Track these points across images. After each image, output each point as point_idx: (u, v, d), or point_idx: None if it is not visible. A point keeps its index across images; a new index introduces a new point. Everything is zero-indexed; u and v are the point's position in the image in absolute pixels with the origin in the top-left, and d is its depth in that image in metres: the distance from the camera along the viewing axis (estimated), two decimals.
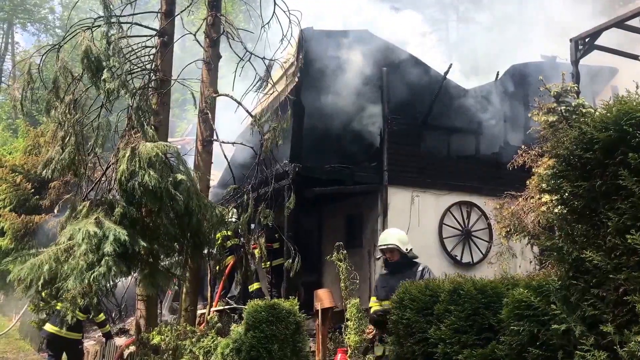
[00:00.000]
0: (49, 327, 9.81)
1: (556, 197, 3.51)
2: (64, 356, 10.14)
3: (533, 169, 8.50)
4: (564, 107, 8.14)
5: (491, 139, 12.64)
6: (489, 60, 14.12)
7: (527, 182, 8.70)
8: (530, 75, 11.67)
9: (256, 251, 10.09)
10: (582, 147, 3.23)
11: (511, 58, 13.30)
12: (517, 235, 8.76)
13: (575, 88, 8.78)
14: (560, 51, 12.32)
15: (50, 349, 10.02)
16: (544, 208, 7.59)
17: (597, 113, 3.27)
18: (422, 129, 12.25)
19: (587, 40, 10.58)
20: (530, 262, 10.19)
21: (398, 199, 11.64)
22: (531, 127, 9.44)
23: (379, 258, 6.60)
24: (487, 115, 12.45)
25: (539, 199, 7.97)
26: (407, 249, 6.11)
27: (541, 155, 8.24)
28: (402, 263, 6.13)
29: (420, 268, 6.06)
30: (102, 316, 10.45)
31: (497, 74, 12.29)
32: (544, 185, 3.51)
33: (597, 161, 3.16)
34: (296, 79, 10.70)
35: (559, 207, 3.52)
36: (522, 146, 9.25)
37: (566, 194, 3.37)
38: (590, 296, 3.09)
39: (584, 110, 7.80)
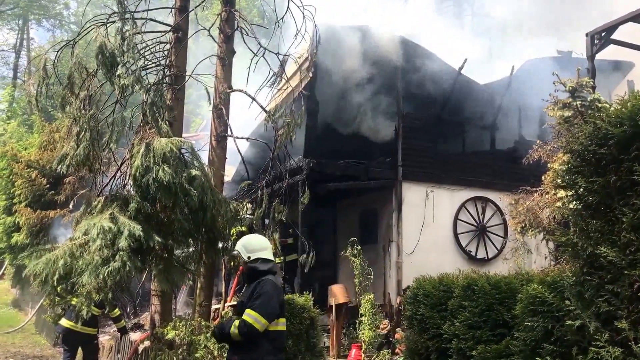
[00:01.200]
0: (64, 322, 9.92)
1: (571, 192, 3.48)
2: (80, 351, 10.26)
3: (548, 164, 8.42)
4: (580, 102, 8.05)
5: (506, 134, 12.54)
6: (504, 54, 13.98)
7: (543, 177, 8.63)
8: (545, 70, 11.53)
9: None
10: (597, 143, 3.20)
11: (527, 52, 13.17)
12: (532, 230, 8.70)
13: (591, 83, 8.67)
14: (576, 46, 12.18)
15: (65, 344, 10.12)
16: (559, 203, 7.52)
17: (612, 108, 3.23)
18: (437, 124, 12.18)
19: (603, 34, 10.42)
20: (546, 257, 10.10)
21: (412, 194, 11.59)
22: (546, 122, 9.35)
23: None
24: (501, 110, 12.34)
25: (555, 194, 7.90)
26: (249, 257, 4.87)
27: (556, 150, 8.16)
28: (248, 274, 4.93)
29: (259, 280, 4.76)
30: (117, 311, 10.55)
31: (512, 69, 12.17)
32: (559, 180, 3.48)
33: (612, 157, 3.13)
34: (310, 75, 10.68)
35: (574, 202, 3.49)
36: (538, 141, 9.17)
37: (581, 190, 3.35)
38: (605, 292, 3.07)
39: (599, 105, 7.71)
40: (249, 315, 4.48)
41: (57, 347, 13.80)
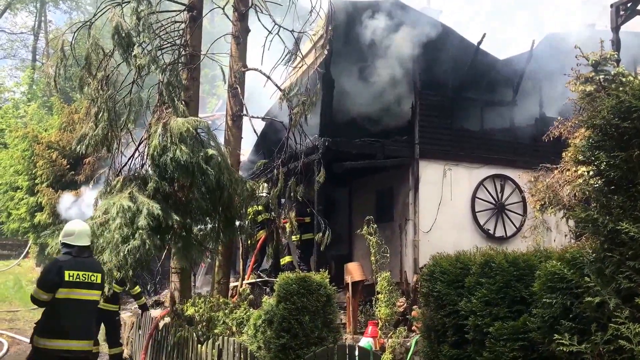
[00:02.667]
0: None
1: (592, 168, 3.43)
2: (102, 327, 10.47)
3: (569, 141, 8.28)
4: (603, 76, 7.86)
5: (526, 110, 12.33)
6: (524, 28, 13.69)
7: (563, 154, 8.49)
8: (567, 44, 11.29)
9: (287, 225, 10.17)
10: (620, 116, 3.12)
11: (548, 26, 12.90)
12: (551, 208, 8.60)
13: (615, 56, 8.45)
14: (600, 19, 11.87)
15: None
16: (580, 180, 7.41)
17: (636, 81, 3.16)
18: (455, 101, 12.01)
19: (628, 5, 10.12)
20: (566, 235, 9.99)
21: (430, 172, 11.51)
22: (568, 98, 9.17)
23: None
24: (521, 86, 12.13)
25: (575, 171, 7.78)
26: (60, 241, 5.86)
27: (578, 126, 8.01)
28: None
29: None
30: (137, 288, 10.72)
31: (533, 43, 11.90)
32: (580, 156, 3.42)
33: (636, 130, 3.06)
34: (325, 52, 10.58)
35: (595, 178, 3.43)
36: (558, 117, 9.01)
37: (602, 165, 3.28)
38: (626, 268, 3.03)
39: (623, 79, 7.52)
40: (33, 288, 5.71)
41: None
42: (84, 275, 5.55)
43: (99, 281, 5.71)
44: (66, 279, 5.43)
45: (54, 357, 5.44)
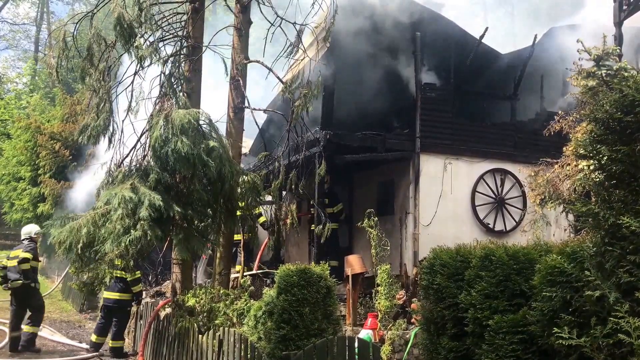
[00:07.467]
0: (110, 295, 10.12)
1: (593, 162, 3.43)
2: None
3: (570, 135, 8.28)
4: (605, 71, 7.85)
5: (527, 105, 12.32)
6: (526, 23, 13.66)
7: (564, 148, 8.50)
8: (569, 39, 11.26)
9: (288, 220, 10.16)
10: (623, 110, 3.13)
11: (550, 21, 12.86)
12: (551, 202, 8.62)
13: (618, 51, 8.44)
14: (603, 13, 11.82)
15: (106, 314, 10.32)
16: (580, 175, 7.42)
17: (639, 75, 3.16)
18: (456, 94, 12.00)
19: (631, 0, 10.07)
20: (565, 230, 10.02)
21: (430, 166, 11.51)
22: (569, 93, 9.16)
23: None
24: (523, 81, 12.11)
25: (576, 165, 7.79)
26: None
27: (579, 121, 8.01)
28: None
29: None
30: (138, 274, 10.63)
31: (535, 38, 11.88)
32: (581, 150, 3.42)
33: (639, 124, 3.07)
34: (327, 45, 10.55)
35: (597, 172, 3.44)
36: (560, 112, 9.01)
37: (604, 159, 3.29)
38: (626, 262, 3.04)
39: (625, 74, 7.51)
40: None
41: (83, 314, 14.22)
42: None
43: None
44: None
45: None
